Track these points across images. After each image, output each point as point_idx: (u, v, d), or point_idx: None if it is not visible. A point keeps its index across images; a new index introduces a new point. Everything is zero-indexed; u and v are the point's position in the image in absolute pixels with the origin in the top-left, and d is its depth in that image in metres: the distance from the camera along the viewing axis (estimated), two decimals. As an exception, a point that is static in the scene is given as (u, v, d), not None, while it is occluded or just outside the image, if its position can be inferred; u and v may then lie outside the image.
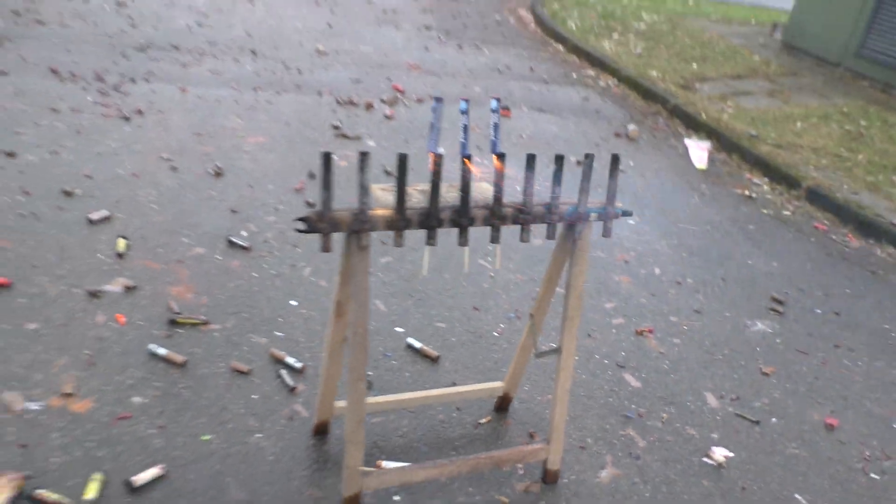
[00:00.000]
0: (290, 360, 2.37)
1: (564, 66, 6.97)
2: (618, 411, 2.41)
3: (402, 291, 2.88)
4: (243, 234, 3.10)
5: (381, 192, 1.72)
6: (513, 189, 1.82)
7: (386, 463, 2.02)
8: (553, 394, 1.98)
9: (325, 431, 2.12)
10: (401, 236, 1.67)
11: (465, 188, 1.66)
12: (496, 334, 2.71)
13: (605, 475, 2.14)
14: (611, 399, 2.46)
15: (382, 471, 1.87)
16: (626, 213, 1.92)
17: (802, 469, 2.29)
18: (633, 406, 2.44)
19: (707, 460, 2.25)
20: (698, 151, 5.05)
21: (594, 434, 2.29)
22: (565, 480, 2.09)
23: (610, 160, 1.82)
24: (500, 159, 1.68)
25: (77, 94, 4.30)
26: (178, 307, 2.56)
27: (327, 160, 1.54)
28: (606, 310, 2.98)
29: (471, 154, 1.67)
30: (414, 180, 1.71)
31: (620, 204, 1.89)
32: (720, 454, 2.27)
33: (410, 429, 2.20)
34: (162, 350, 2.32)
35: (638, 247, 3.57)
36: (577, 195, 1.79)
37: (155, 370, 2.26)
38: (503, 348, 2.62)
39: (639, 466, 2.19)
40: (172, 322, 2.48)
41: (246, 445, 2.04)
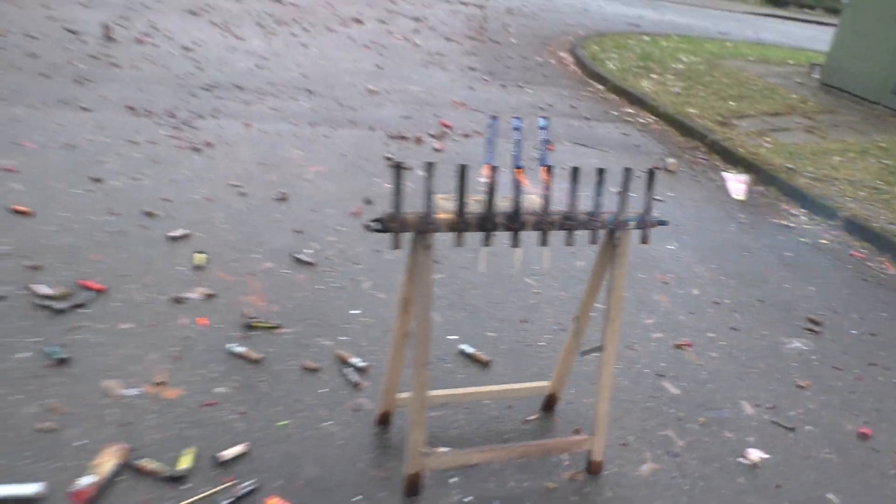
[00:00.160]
0: (355, 360, 2.60)
1: (604, 105, 7.22)
2: (657, 415, 2.56)
3: (455, 304, 3.09)
4: (307, 252, 3.36)
5: (443, 201, 1.96)
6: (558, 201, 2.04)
7: (443, 450, 2.22)
8: (596, 389, 2.16)
9: (388, 422, 2.33)
10: (460, 238, 1.90)
11: (517, 195, 1.89)
12: (542, 344, 2.90)
13: (646, 469, 2.29)
14: (651, 404, 2.62)
15: (441, 453, 2.07)
16: (662, 223, 2.13)
17: (835, 472, 2.41)
18: (672, 411, 2.60)
19: (742, 460, 2.39)
20: (736, 184, 5.20)
21: (635, 433, 2.45)
22: (607, 472, 2.25)
23: (647, 175, 2.04)
24: (548, 171, 1.91)
25: (152, 129, 4.69)
26: (252, 313, 2.82)
27: (398, 170, 1.79)
28: (646, 325, 3.15)
29: (523, 165, 1.90)
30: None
31: (657, 214, 2.10)
32: (755, 455, 2.40)
33: (465, 422, 2.40)
34: (240, 348, 2.57)
35: (676, 269, 3.73)
36: (617, 205, 2.01)
37: (234, 366, 2.51)
38: (549, 356, 2.81)
39: (677, 463, 2.34)
40: (248, 326, 2.74)
41: (317, 431, 2.26)
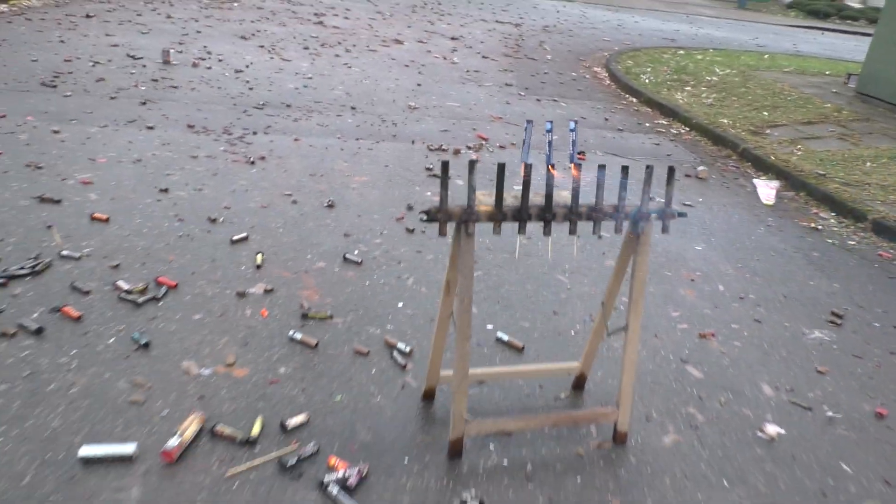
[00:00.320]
0: (401, 345, 2.86)
1: (637, 117, 7.42)
2: (680, 394, 2.76)
3: (491, 298, 3.34)
4: (355, 253, 3.65)
5: (483, 196, 2.22)
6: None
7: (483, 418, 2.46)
8: (622, 364, 2.38)
9: (432, 397, 2.58)
10: (498, 227, 2.15)
11: (549, 189, 2.14)
12: (573, 333, 3.12)
13: (668, 440, 2.50)
14: (675, 385, 2.82)
15: (481, 420, 2.31)
16: (682, 214, 2.35)
17: (850, 446, 2.57)
18: (695, 391, 2.79)
19: (760, 434, 2.58)
20: (766, 190, 5.35)
21: (659, 409, 2.66)
22: (632, 442, 2.46)
23: (667, 171, 2.27)
24: (577, 167, 2.15)
25: (210, 144, 5.07)
26: (308, 305, 3.11)
27: (445, 168, 2.05)
28: (672, 317, 3.35)
29: (554, 163, 2.15)
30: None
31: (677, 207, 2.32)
32: (773, 430, 2.59)
33: (501, 399, 2.63)
34: (298, 335, 2.86)
35: (704, 268, 3.92)
36: (641, 198, 2.24)
37: (294, 350, 2.80)
38: (579, 344, 3.03)
39: (698, 435, 2.54)
40: (304, 316, 3.03)
41: (369, 404, 2.53)
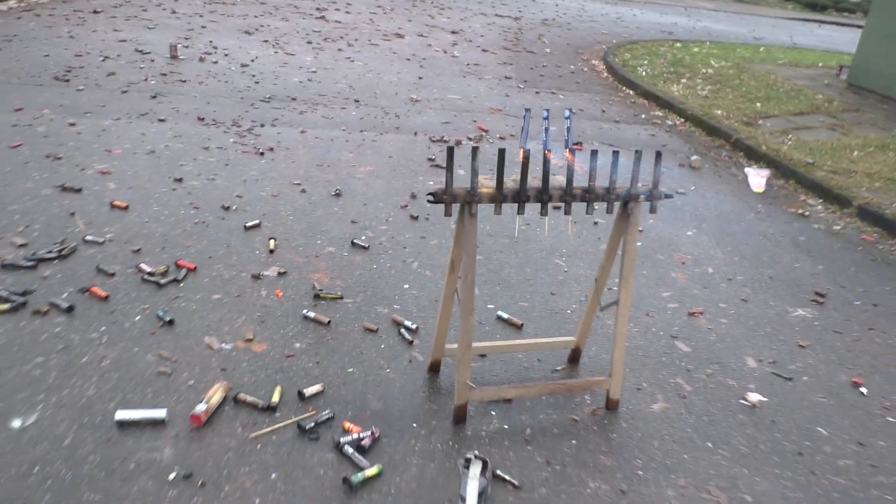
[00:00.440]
0: (408, 323, 3.05)
1: (634, 108, 7.60)
2: (669, 367, 2.96)
3: (491, 280, 3.53)
4: (363, 238, 3.84)
5: (484, 180, 2.40)
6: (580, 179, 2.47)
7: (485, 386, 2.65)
8: (613, 336, 2.57)
9: (438, 370, 2.77)
10: (499, 208, 2.34)
11: (546, 172, 2.33)
12: (569, 312, 3.31)
13: (657, 407, 2.69)
14: (664, 359, 3.02)
15: (483, 388, 2.50)
16: (668, 196, 2.53)
17: (827, 412, 2.77)
18: (683, 364, 2.99)
19: (743, 402, 2.77)
20: (757, 178, 5.53)
21: (649, 380, 2.85)
22: (624, 409, 2.66)
23: (655, 156, 2.45)
24: (571, 153, 2.34)
25: (221, 136, 5.25)
26: (320, 287, 3.30)
27: (451, 152, 2.24)
28: (663, 297, 3.54)
29: (550, 148, 2.33)
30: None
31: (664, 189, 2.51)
32: (755, 398, 2.78)
33: (501, 371, 2.83)
34: (311, 314, 3.05)
35: (695, 252, 4.11)
36: (630, 181, 2.42)
37: (308, 327, 2.99)
38: (575, 321, 3.22)
39: (685, 403, 2.73)
40: (316, 296, 3.22)
41: (379, 376, 2.72)
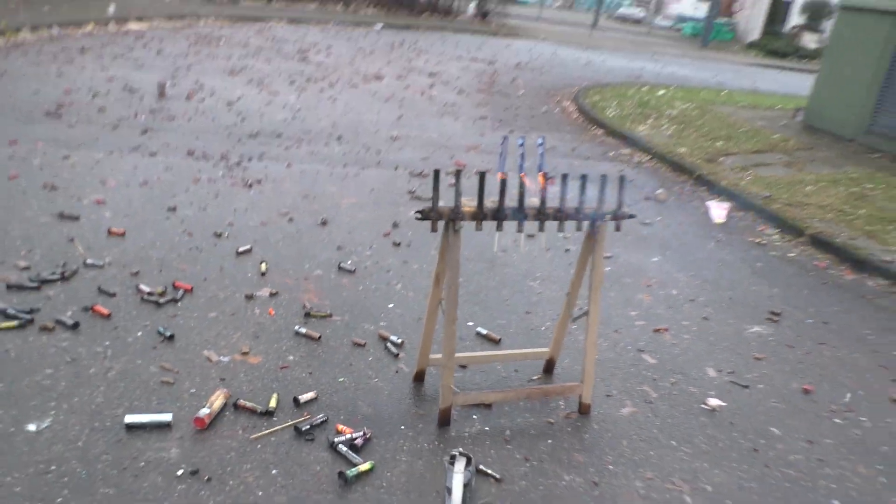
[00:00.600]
0: (393, 338, 3.26)
1: (603, 147, 7.99)
2: (636, 377, 3.20)
3: (471, 301, 3.76)
4: (349, 263, 4.06)
5: (467, 201, 2.66)
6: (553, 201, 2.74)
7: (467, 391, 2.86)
8: (584, 344, 2.81)
9: (423, 379, 2.98)
10: (480, 225, 2.59)
11: (521, 194, 2.59)
12: (543, 329, 3.55)
13: (625, 412, 2.92)
14: (632, 369, 3.26)
15: (466, 393, 2.72)
16: (632, 216, 2.81)
17: (780, 414, 3.02)
18: (649, 374, 3.23)
19: (704, 406, 3.02)
20: (718, 210, 5.88)
21: (618, 388, 3.09)
22: (595, 413, 2.89)
23: (619, 179, 2.74)
24: (545, 176, 2.61)
25: (210, 169, 5.47)
26: (310, 306, 3.51)
27: (437, 174, 2.49)
28: (630, 316, 3.80)
29: (525, 172, 2.60)
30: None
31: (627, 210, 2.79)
32: (715, 402, 3.03)
33: (482, 381, 3.04)
34: (303, 329, 3.25)
35: (660, 276, 4.40)
36: (597, 203, 2.70)
37: (300, 342, 3.19)
38: (548, 336, 3.45)
39: (651, 408, 2.97)
40: (307, 314, 3.42)
41: (368, 385, 2.92)
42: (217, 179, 5.26)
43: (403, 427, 2.69)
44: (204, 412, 2.56)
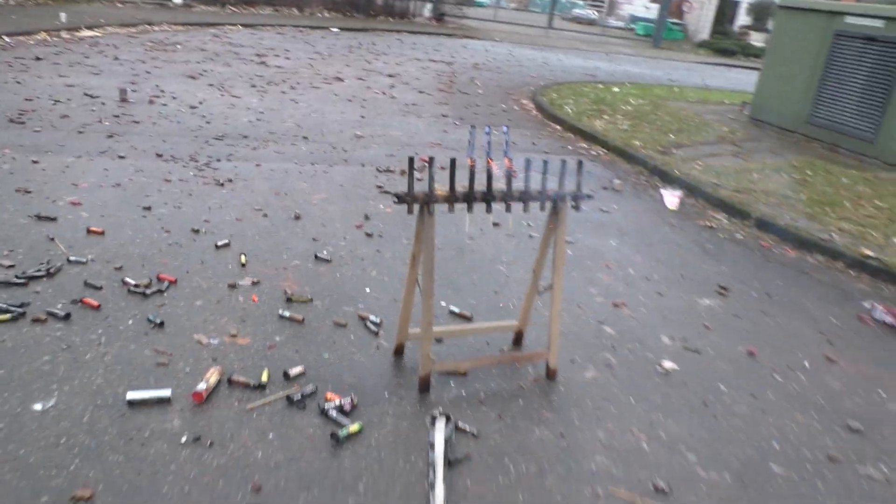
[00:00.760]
0: (373, 318, 3.48)
1: (561, 141, 8.31)
2: (597, 346, 3.48)
3: (443, 284, 4.00)
4: (325, 253, 4.26)
5: (440, 187, 2.89)
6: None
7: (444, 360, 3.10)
8: (549, 314, 3.07)
9: (402, 353, 3.20)
10: (452, 207, 2.83)
11: (489, 178, 2.84)
12: (511, 306, 3.81)
13: (589, 376, 3.19)
14: (593, 340, 3.54)
15: (443, 361, 2.95)
16: (590, 197, 3.09)
17: (727, 374, 3.33)
18: (609, 343, 3.51)
19: (659, 368, 3.31)
20: (671, 198, 6.23)
21: (581, 356, 3.36)
22: (561, 377, 3.15)
23: (577, 164, 3.00)
24: (510, 160, 2.86)
25: (181, 170, 5.60)
26: (291, 292, 3.70)
27: (411, 161, 2.72)
28: (591, 293, 4.09)
29: (492, 157, 2.85)
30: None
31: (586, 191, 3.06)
32: (669, 365, 3.32)
33: (456, 353, 3.28)
34: (287, 313, 3.45)
35: (618, 258, 4.70)
36: (558, 185, 2.96)
37: (284, 324, 3.38)
38: (516, 314, 3.70)
39: (611, 372, 3.24)
40: (289, 300, 3.61)
41: (351, 360, 3.13)
42: (188, 179, 5.39)
43: (387, 394, 2.91)
44: (201, 387, 2.74)
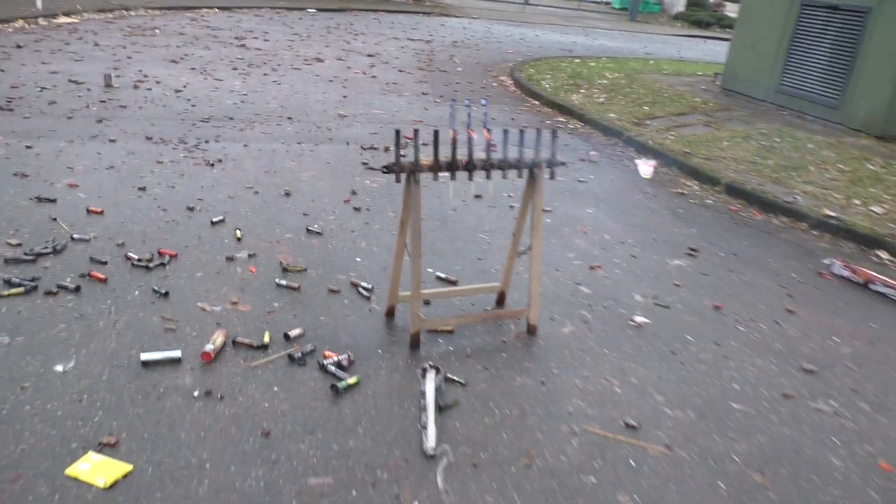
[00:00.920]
0: (364, 284, 3.71)
1: (540, 116, 8.53)
2: (574, 304, 3.74)
3: (429, 251, 4.22)
4: (316, 226, 4.47)
5: (425, 157, 3.11)
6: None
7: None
8: (529, 274, 3.32)
9: (393, 315, 3.44)
10: (436, 176, 3.06)
11: (470, 148, 3.06)
12: (493, 271, 4.06)
13: (566, 331, 3.46)
14: (571, 299, 3.80)
15: (432, 319, 3.20)
16: (563, 164, 3.32)
17: (694, 326, 3.62)
18: (585, 301, 3.78)
19: (631, 322, 3.58)
20: (645, 167, 6.49)
21: (559, 313, 3.62)
22: (541, 333, 3.41)
23: (551, 133, 3.24)
24: (489, 132, 3.09)
25: (171, 152, 5.76)
26: (286, 263, 3.92)
27: (398, 134, 2.94)
28: (569, 257, 4.35)
29: (472, 128, 3.07)
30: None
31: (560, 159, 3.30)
32: (640, 319, 3.59)
33: (443, 314, 3.53)
34: (283, 282, 3.67)
35: (594, 224, 4.96)
36: (534, 153, 3.19)
37: (282, 292, 3.61)
38: (498, 278, 3.96)
39: (588, 326, 3.51)
40: (284, 270, 3.83)
41: (346, 322, 3.37)
42: (179, 161, 5.56)
43: (381, 351, 3.15)
44: (209, 347, 2.96)
